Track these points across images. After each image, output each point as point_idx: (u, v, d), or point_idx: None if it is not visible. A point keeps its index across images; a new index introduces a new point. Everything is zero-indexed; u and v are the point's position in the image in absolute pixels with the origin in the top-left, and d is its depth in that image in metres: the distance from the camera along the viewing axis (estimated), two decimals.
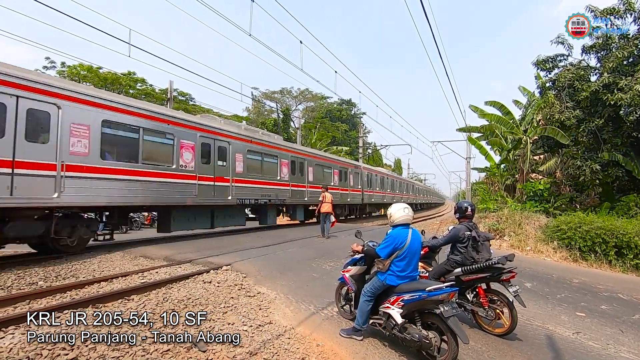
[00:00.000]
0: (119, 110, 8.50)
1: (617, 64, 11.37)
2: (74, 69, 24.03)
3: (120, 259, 7.61)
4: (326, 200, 11.26)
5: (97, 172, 7.94)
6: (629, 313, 5.51)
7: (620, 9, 11.87)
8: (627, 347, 4.22)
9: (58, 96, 7.45)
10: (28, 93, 6.93)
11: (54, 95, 7.39)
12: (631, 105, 10.41)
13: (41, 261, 7.11)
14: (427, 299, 3.30)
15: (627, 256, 8.53)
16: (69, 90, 7.63)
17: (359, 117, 48.71)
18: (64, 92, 7.54)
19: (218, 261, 6.98)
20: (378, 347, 3.74)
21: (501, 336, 4.17)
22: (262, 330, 4.05)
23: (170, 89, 18.55)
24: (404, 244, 3.54)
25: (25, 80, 6.93)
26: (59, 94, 7.51)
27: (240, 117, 36.97)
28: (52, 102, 7.30)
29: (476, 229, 4.61)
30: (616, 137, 11.92)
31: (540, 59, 13.77)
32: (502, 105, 18.23)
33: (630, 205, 11.43)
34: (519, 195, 16.77)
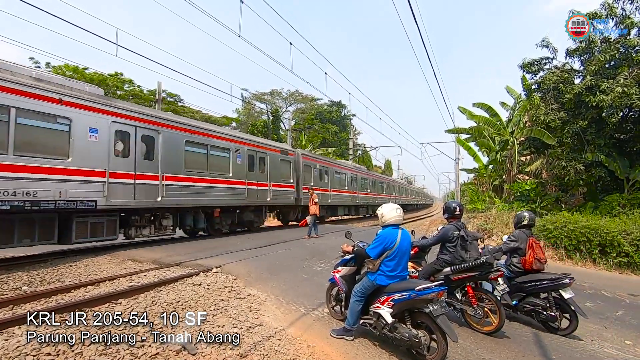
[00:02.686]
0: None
1: (600, 67, 11.65)
2: (59, 70, 23.52)
3: (108, 262, 7.48)
4: (314, 201, 11.35)
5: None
6: (612, 310, 5.65)
7: (602, 14, 12.19)
8: (610, 343, 4.33)
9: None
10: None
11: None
12: (613, 107, 10.69)
13: (25, 265, 6.95)
14: (417, 298, 3.33)
15: (611, 254, 8.74)
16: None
17: (349, 118, 48.90)
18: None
19: (208, 263, 6.92)
20: (368, 347, 3.75)
21: (490, 334, 4.23)
22: (253, 332, 4.03)
23: (158, 89, 18.35)
24: (393, 244, 3.57)
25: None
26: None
27: (230, 119, 36.74)
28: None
29: (465, 228, 4.68)
30: (599, 138, 12.22)
31: (526, 61, 14.03)
32: (489, 107, 18.53)
33: (613, 204, 11.72)
34: (507, 195, 17.06)
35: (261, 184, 13.48)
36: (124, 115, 8.73)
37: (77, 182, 7.61)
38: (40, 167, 7.06)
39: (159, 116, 9.97)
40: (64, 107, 7.55)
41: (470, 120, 19.04)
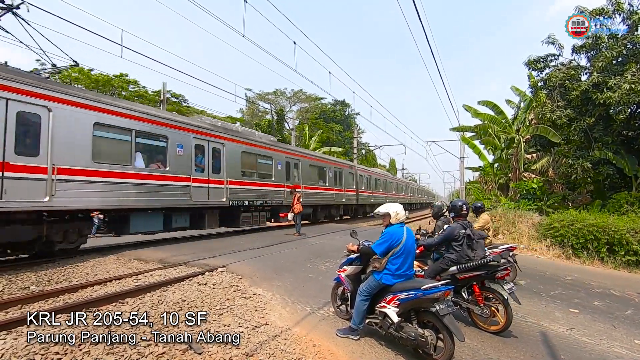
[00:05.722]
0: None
1: (607, 64, 11.53)
2: (65, 71, 23.73)
3: (114, 262, 7.53)
4: (298, 200, 11.80)
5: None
6: (621, 309, 5.58)
7: (609, 10, 12.05)
8: (620, 342, 4.28)
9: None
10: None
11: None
12: (620, 104, 10.57)
13: (33, 265, 7.01)
14: (423, 297, 3.31)
15: (619, 253, 8.65)
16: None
17: (353, 117, 48.81)
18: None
19: (213, 263, 6.94)
20: (374, 347, 3.74)
21: (497, 333, 4.20)
22: (259, 331, 4.03)
23: (163, 90, 18.44)
24: (399, 242, 3.56)
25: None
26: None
27: (234, 119, 36.84)
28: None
29: (471, 227, 4.64)
30: (606, 135, 12.08)
31: (532, 59, 13.92)
32: (494, 105, 18.40)
33: (622, 202, 11.59)
34: (513, 194, 16.92)
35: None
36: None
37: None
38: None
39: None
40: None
41: (475, 119, 18.96)
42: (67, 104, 7.37)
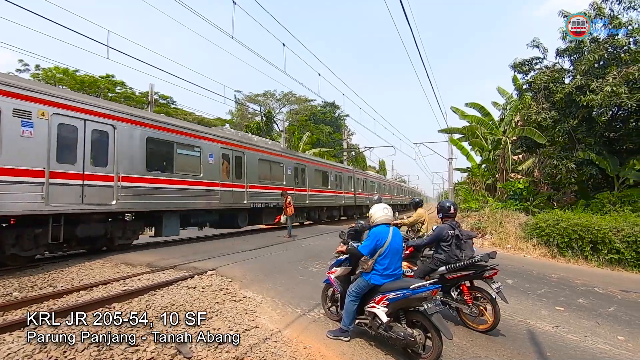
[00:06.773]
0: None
1: (589, 67, 11.81)
2: (49, 72, 23.25)
3: (101, 266, 7.38)
4: (289, 203, 11.84)
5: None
6: (605, 306, 5.72)
7: (591, 14, 12.37)
8: (603, 339, 4.38)
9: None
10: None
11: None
12: (602, 106, 10.85)
13: (15, 271, 6.83)
14: (411, 296, 3.34)
15: (602, 251, 8.86)
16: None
17: (343, 119, 48.92)
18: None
19: (202, 266, 6.87)
20: (365, 347, 3.75)
21: (485, 332, 4.26)
22: (249, 334, 4.01)
23: (151, 92, 18.24)
24: (384, 242, 3.58)
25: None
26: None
27: (223, 120, 36.59)
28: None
29: (459, 227, 4.70)
30: (590, 136, 12.38)
31: (517, 62, 14.18)
32: (482, 107, 18.67)
33: (604, 202, 11.88)
34: (500, 194, 17.19)
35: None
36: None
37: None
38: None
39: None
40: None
41: (463, 120, 19.18)
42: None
